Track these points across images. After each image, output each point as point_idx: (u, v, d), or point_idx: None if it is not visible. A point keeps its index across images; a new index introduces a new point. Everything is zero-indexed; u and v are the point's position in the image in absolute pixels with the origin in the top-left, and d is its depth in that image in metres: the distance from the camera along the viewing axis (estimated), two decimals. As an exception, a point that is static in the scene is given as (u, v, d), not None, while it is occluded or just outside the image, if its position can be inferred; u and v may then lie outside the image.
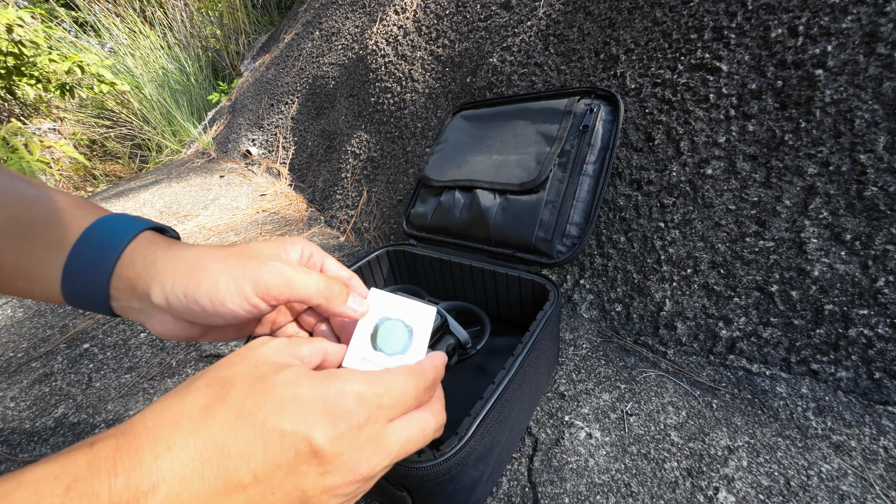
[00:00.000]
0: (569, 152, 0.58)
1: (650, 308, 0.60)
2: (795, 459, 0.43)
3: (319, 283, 0.26)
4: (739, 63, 0.55)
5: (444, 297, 0.67)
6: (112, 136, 2.74)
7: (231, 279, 0.24)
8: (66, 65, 1.88)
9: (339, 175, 1.25)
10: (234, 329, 0.29)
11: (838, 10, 0.48)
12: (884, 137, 0.46)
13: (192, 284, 0.24)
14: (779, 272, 0.51)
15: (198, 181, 1.68)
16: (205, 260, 0.25)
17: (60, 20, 2.72)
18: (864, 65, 0.47)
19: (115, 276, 0.25)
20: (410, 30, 1.14)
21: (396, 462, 0.23)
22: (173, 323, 0.26)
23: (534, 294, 0.54)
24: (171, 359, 0.73)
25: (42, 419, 0.63)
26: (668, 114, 0.61)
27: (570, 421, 0.51)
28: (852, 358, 0.47)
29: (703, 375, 0.54)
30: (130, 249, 0.25)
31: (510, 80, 0.82)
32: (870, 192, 0.46)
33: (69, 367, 0.74)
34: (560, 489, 0.44)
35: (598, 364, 0.58)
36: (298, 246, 0.29)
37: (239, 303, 0.24)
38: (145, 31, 2.56)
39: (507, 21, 0.89)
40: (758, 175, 0.53)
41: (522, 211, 0.58)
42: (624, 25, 0.68)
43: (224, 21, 2.71)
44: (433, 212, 0.70)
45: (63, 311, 0.92)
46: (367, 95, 1.24)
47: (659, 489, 0.42)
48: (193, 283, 0.24)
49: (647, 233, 0.62)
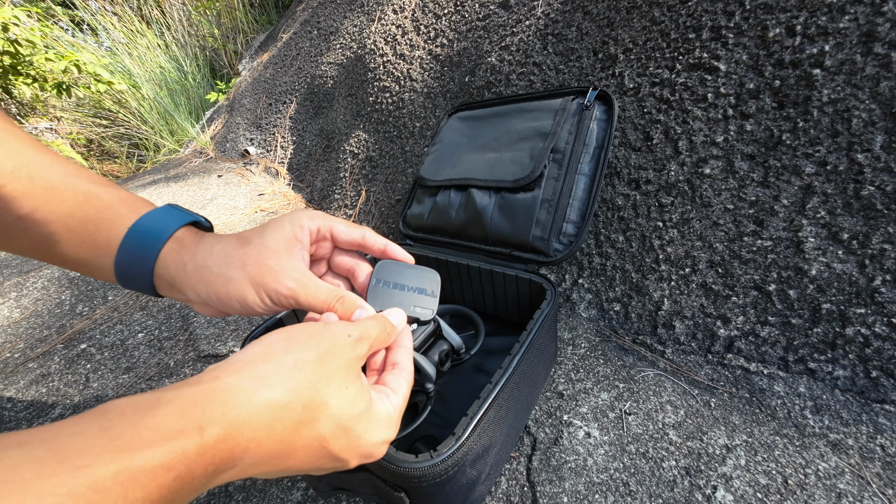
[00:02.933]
0: (564, 150, 0.58)
1: (648, 307, 0.60)
2: (793, 458, 0.43)
3: (326, 298, 0.31)
4: (737, 63, 0.55)
5: (441, 297, 0.67)
6: (109, 136, 2.73)
7: (255, 293, 0.30)
8: (62, 64, 1.87)
9: (338, 174, 1.24)
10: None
11: (836, 10, 0.48)
12: (881, 137, 0.46)
13: (222, 294, 0.30)
14: (776, 271, 0.52)
15: (196, 181, 1.67)
16: (228, 271, 0.30)
17: (57, 19, 2.71)
18: (861, 64, 0.47)
19: (155, 275, 0.31)
20: (409, 29, 1.14)
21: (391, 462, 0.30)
22: (213, 310, 0.31)
23: (531, 293, 0.53)
24: (169, 359, 0.73)
25: (39, 420, 0.63)
26: (667, 113, 0.61)
27: (569, 420, 0.51)
28: (849, 357, 0.48)
29: (701, 374, 0.54)
30: (164, 254, 0.30)
31: (508, 79, 0.82)
32: (867, 192, 0.46)
33: (67, 367, 0.74)
34: (559, 488, 0.44)
35: (596, 363, 0.58)
36: (306, 227, 0.33)
37: (263, 308, 0.31)
38: (143, 30, 2.55)
39: (506, 20, 0.89)
40: (756, 174, 0.53)
41: (519, 210, 0.58)
42: (622, 25, 0.68)
43: (222, 20, 2.70)
44: (429, 212, 0.70)
45: (60, 312, 0.91)
46: (365, 95, 1.24)
47: (657, 488, 0.42)
48: (223, 293, 0.30)
49: (646, 232, 0.62)
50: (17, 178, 0.28)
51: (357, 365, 0.26)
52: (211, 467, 0.18)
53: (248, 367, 0.22)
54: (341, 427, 0.23)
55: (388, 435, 0.26)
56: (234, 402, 0.20)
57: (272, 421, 0.21)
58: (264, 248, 0.31)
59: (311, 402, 0.22)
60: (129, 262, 0.30)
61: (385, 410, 0.26)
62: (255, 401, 0.20)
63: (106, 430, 0.16)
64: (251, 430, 0.20)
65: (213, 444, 0.18)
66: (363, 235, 0.36)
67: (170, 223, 0.31)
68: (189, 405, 0.19)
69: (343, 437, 0.24)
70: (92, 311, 0.90)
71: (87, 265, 0.31)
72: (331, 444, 0.23)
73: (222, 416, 0.19)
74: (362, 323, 0.28)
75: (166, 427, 0.17)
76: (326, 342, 0.25)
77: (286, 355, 0.23)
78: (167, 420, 0.18)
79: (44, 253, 0.31)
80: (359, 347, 0.27)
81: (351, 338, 0.26)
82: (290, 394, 0.22)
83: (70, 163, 0.31)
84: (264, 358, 0.23)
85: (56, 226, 0.29)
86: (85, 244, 0.30)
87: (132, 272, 0.30)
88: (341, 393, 0.24)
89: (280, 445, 0.21)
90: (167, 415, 0.18)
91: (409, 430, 0.46)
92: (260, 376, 0.21)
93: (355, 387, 0.25)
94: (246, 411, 0.20)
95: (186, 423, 0.18)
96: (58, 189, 0.29)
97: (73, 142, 2.79)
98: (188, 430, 0.18)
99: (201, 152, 2.06)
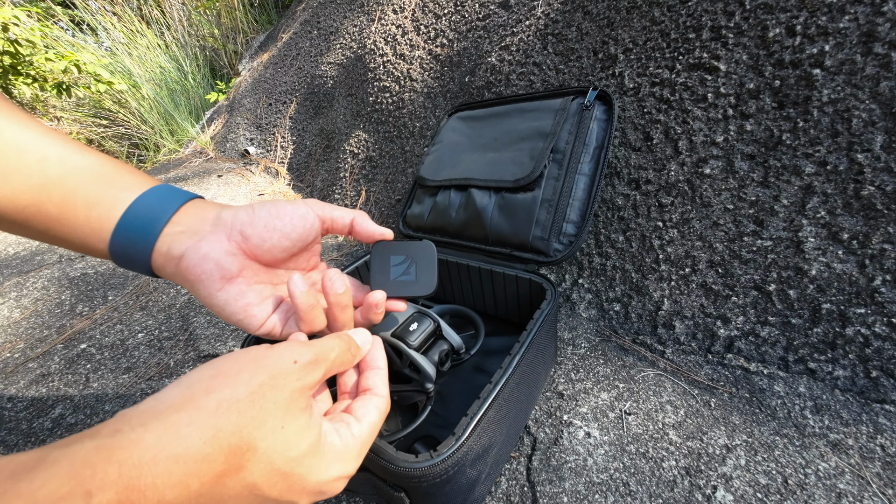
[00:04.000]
0: (564, 150, 0.59)
1: (648, 307, 0.60)
2: (793, 458, 0.43)
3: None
4: (737, 63, 0.55)
5: (441, 297, 0.67)
6: (109, 136, 2.73)
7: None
8: (62, 64, 1.87)
9: (338, 174, 1.24)
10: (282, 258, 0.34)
11: (836, 10, 0.48)
12: (881, 137, 0.46)
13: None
14: (776, 271, 0.52)
15: (196, 181, 1.67)
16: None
17: (57, 19, 2.71)
18: (861, 64, 0.47)
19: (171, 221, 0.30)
20: (409, 29, 1.14)
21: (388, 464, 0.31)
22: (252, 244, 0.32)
23: (531, 293, 0.53)
24: (169, 359, 0.73)
25: (39, 420, 0.63)
26: (667, 113, 0.61)
27: (569, 420, 0.51)
28: (849, 357, 0.48)
29: (701, 374, 0.54)
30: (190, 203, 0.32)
31: (508, 79, 0.82)
32: (867, 192, 0.46)
33: (66, 367, 0.74)
34: (559, 488, 0.44)
35: (596, 363, 0.58)
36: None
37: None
38: (143, 30, 2.55)
39: (506, 20, 0.89)
40: (756, 174, 0.53)
41: (519, 210, 0.58)
42: (622, 25, 0.68)
43: (222, 20, 2.70)
44: (429, 212, 0.70)
45: (60, 312, 0.91)
46: (365, 95, 1.24)
47: (657, 488, 0.42)
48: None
49: (646, 232, 0.62)
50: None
51: (303, 396, 0.23)
52: None
53: (157, 418, 0.19)
54: (276, 472, 0.21)
55: (342, 470, 0.24)
56: (136, 460, 0.17)
57: (185, 477, 0.18)
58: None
59: (236, 450, 0.19)
60: (125, 246, 0.30)
61: (341, 444, 0.24)
62: (161, 458, 0.17)
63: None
64: (157, 492, 0.17)
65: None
66: (353, 218, 0.35)
67: (171, 203, 0.31)
68: (78, 465, 0.16)
69: (280, 483, 0.21)
70: (92, 311, 0.90)
71: (81, 245, 0.30)
72: (266, 491, 0.21)
73: (118, 478, 0.16)
74: (319, 343, 0.26)
75: (45, 494, 0.15)
76: (264, 374, 0.22)
77: (207, 397, 0.20)
78: (48, 485, 0.15)
79: (42, 235, 0.30)
80: (309, 374, 0.24)
81: (298, 364, 0.23)
82: (208, 444, 0.19)
83: (66, 139, 0.30)
84: (181, 404, 0.20)
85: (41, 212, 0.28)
86: (90, 199, 0.29)
87: (141, 220, 0.30)
88: (275, 435, 0.21)
89: (201, 500, 0.19)
90: (48, 478, 0.15)
91: (409, 430, 0.46)
92: (171, 427, 0.18)
93: (297, 424, 0.22)
94: (150, 471, 0.17)
95: (72, 488, 0.15)
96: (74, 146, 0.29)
97: (73, 142, 2.78)
98: (71, 496, 0.15)
99: (201, 152, 2.06)
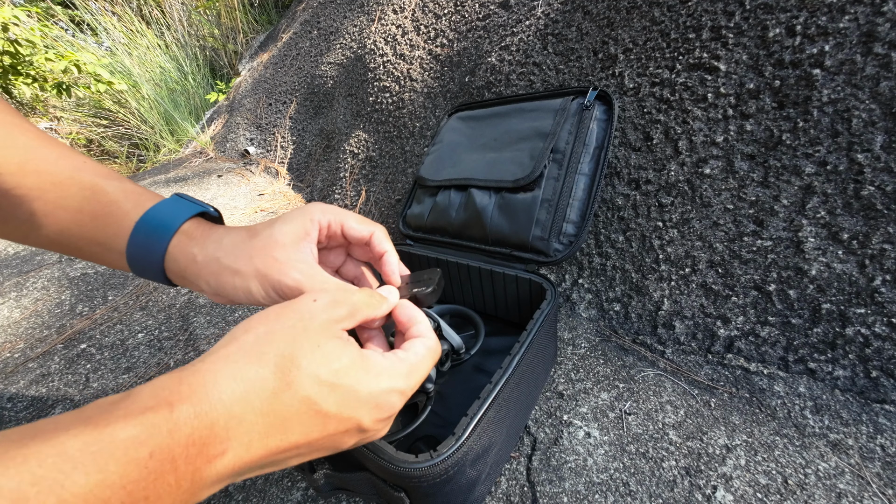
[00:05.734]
0: (564, 150, 0.59)
1: (648, 307, 0.60)
2: (793, 458, 0.43)
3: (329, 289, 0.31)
4: (737, 63, 0.55)
5: (441, 297, 0.67)
6: (109, 136, 2.73)
7: (259, 285, 0.30)
8: (62, 64, 1.87)
9: (338, 174, 1.24)
10: None
11: (836, 10, 0.48)
12: (881, 137, 0.46)
13: (228, 285, 0.30)
14: (776, 271, 0.52)
15: (196, 181, 1.67)
16: (235, 263, 0.30)
17: (57, 19, 2.71)
18: (861, 64, 0.47)
19: (166, 268, 0.31)
20: (409, 29, 1.14)
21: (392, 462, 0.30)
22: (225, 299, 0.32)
23: (531, 293, 0.53)
24: (169, 359, 0.72)
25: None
26: (667, 113, 0.61)
27: (569, 420, 0.51)
28: (849, 357, 0.48)
29: (701, 374, 0.54)
30: (172, 248, 0.31)
31: (508, 79, 0.82)
32: (867, 192, 0.46)
33: (66, 367, 0.74)
34: (559, 488, 0.44)
35: (596, 363, 0.58)
36: (316, 221, 0.33)
37: (267, 300, 0.31)
38: (143, 30, 2.55)
39: (506, 20, 0.89)
40: (756, 174, 0.53)
41: (519, 210, 0.58)
42: (622, 25, 0.68)
43: (222, 20, 2.70)
44: (429, 212, 0.70)
45: (60, 312, 0.91)
46: (365, 95, 1.24)
47: (657, 488, 0.42)
48: (230, 284, 0.30)
49: (646, 232, 0.62)
50: (24, 173, 0.28)
51: (334, 326, 0.25)
52: (192, 449, 0.18)
53: (210, 355, 0.22)
54: (324, 384, 0.22)
55: (392, 384, 0.25)
56: (202, 381, 0.20)
57: (245, 393, 0.20)
58: (271, 241, 0.31)
59: (282, 367, 0.22)
60: (138, 257, 0.31)
61: (386, 361, 0.25)
62: (220, 378, 0.20)
63: (79, 414, 0.17)
64: (225, 406, 0.19)
65: (186, 420, 0.18)
66: (371, 234, 0.35)
67: (176, 216, 0.31)
68: (158, 388, 0.19)
69: (332, 394, 0.22)
70: (92, 311, 0.90)
71: (102, 258, 0.32)
72: (322, 405, 0.22)
73: (191, 394, 0.19)
74: (335, 290, 0.28)
75: (136, 406, 0.18)
76: (292, 314, 0.24)
77: (246, 334, 0.23)
78: (137, 402, 0.18)
79: (61, 247, 0.31)
80: (333, 309, 0.25)
81: (318, 302, 0.26)
82: (257, 364, 0.21)
83: (77, 155, 0.31)
84: (226, 343, 0.23)
85: (67, 222, 0.30)
86: (96, 239, 0.31)
87: (143, 266, 0.31)
88: (314, 352, 0.23)
89: (267, 419, 0.21)
90: (137, 398, 0.18)
91: (409, 430, 0.46)
92: (222, 358, 0.21)
93: (332, 344, 0.24)
94: (215, 388, 0.20)
95: (156, 402, 0.18)
96: (64, 184, 0.30)
97: (73, 142, 2.79)
98: (157, 407, 0.18)
99: (201, 152, 2.05)
